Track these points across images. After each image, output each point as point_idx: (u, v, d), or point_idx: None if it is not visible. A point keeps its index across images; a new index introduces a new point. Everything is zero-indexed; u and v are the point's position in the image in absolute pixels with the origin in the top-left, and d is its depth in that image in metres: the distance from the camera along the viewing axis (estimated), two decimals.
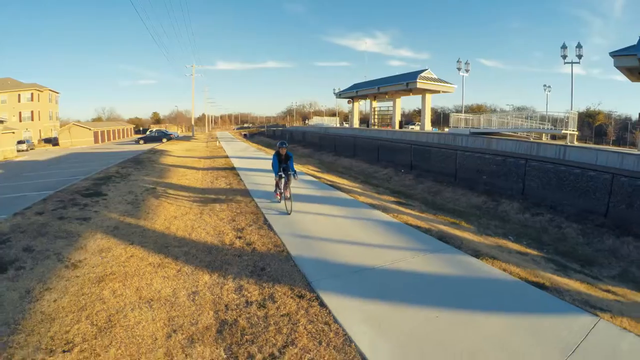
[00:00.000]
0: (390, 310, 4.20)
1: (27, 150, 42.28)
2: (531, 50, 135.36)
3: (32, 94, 59.55)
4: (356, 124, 48.66)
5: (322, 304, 4.27)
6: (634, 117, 60.76)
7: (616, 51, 19.08)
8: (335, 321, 3.93)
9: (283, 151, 8.86)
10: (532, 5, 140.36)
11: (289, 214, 8.43)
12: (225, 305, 4.30)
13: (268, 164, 10.75)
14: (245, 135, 65.19)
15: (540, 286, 5.05)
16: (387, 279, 5.05)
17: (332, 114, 79.42)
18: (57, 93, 67.59)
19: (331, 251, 6.06)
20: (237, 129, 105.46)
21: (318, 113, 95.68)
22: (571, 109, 23.68)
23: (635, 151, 17.79)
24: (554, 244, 10.53)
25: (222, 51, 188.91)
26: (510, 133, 25.15)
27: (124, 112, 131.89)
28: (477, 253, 6.32)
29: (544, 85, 50.86)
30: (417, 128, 47.70)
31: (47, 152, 38.68)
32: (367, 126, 47.48)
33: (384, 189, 15.69)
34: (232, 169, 16.79)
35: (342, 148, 29.20)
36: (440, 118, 74.60)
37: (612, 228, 10.96)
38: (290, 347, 3.49)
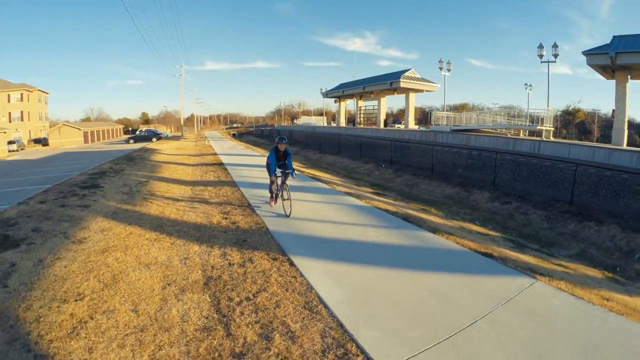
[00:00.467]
0: (348, 268, 5.04)
1: (17, 150, 42.21)
2: (519, 50, 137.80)
3: (21, 94, 59.08)
4: (343, 122, 49.47)
5: (292, 264, 5.10)
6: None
7: (589, 50, 20.15)
8: (301, 275, 4.76)
9: (282, 147, 8.02)
10: (522, 6, 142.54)
11: (288, 216, 7.57)
12: (212, 267, 5.10)
13: (255, 160, 11.55)
14: (234, 135, 65.71)
15: (488, 255, 5.81)
16: (350, 247, 5.89)
17: (321, 113, 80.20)
18: (47, 93, 67.11)
19: (305, 228, 6.89)
20: (226, 128, 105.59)
21: (306, 113, 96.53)
22: (547, 107, 24.55)
23: (608, 145, 18.93)
24: (518, 228, 11.39)
25: (211, 51, 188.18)
26: (489, 130, 26.19)
27: (112, 113, 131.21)
28: (435, 230, 7.18)
29: (525, 84, 52.35)
30: (402, 126, 48.79)
31: (37, 152, 38.75)
32: (354, 125, 48.23)
33: (364, 182, 16.57)
34: (221, 164, 17.51)
35: (327, 146, 30.07)
36: (429, 117, 75.99)
37: (576, 214, 11.86)
38: (263, 293, 4.31)
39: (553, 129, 24.25)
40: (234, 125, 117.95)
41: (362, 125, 44.86)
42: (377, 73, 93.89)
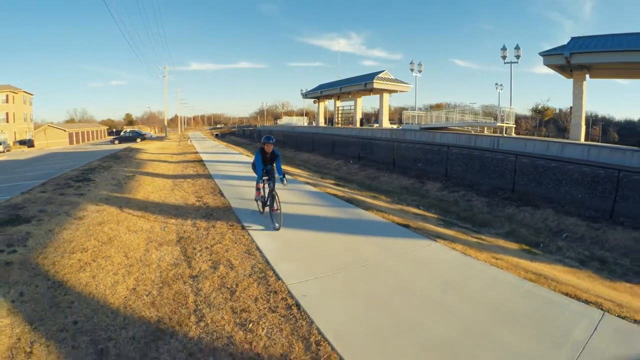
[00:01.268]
0: (284, 231, 6.69)
1: (3, 151, 42.48)
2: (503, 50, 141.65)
3: (7, 95, 58.89)
4: (322, 122, 50.92)
5: (244, 228, 6.76)
6: (596, 113, 65.36)
7: (545, 51, 21.81)
8: (249, 235, 6.41)
9: (269, 148, 7.22)
10: (506, 8, 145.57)
11: (278, 229, 6.63)
12: (184, 231, 6.71)
13: (232, 157, 13.08)
14: (217, 135, 66.79)
15: (405, 226, 7.46)
16: (292, 219, 7.53)
17: (303, 113, 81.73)
18: (31, 95, 66.83)
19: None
20: (210, 129, 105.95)
21: (289, 113, 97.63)
22: (510, 106, 26.36)
23: (562, 140, 20.77)
24: (458, 212, 12.68)
25: (195, 52, 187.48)
26: (457, 127, 27.79)
27: (96, 114, 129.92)
28: (369, 209, 8.89)
29: (496, 84, 53.41)
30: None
31: (24, 153, 39.14)
32: (332, 124, 49.81)
33: (330, 176, 18.27)
34: (200, 161, 18.98)
35: (303, 144, 31.77)
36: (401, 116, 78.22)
37: (516, 200, 13.15)
38: (217, 244, 5.95)
39: (514, 125, 26.00)
40: (218, 126, 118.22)
41: (339, 125, 46.37)
42: (361, 73, 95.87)
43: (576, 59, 20.12)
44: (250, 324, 3.67)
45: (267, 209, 7.33)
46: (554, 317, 3.94)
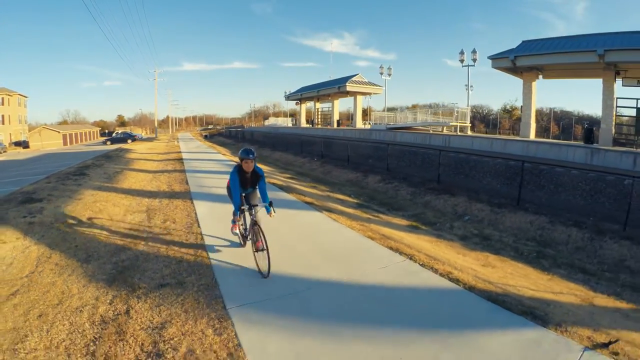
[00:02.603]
0: (216, 203, 9.49)
1: (0, 152, 44.48)
2: (493, 51, 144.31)
3: (2, 98, 60.56)
4: (303, 123, 53.43)
5: (193, 203, 9.64)
6: (583, 112, 68.14)
7: (493, 55, 23.48)
8: (193, 205, 9.30)
9: (248, 166, 5.23)
10: (497, 8, 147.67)
11: (267, 277, 4.87)
12: (152, 205, 9.57)
13: (208, 156, 16.04)
14: (205, 136, 69.18)
15: (309, 203, 10.23)
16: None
17: (288, 114, 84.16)
18: (26, 97, 68.55)
19: (212, 191, 11.40)
20: (201, 130, 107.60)
21: (278, 114, 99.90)
22: (467, 105, 28.71)
23: (504, 137, 22.84)
24: (383, 199, 14.74)
25: (188, 52, 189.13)
26: (420, 127, 29.80)
27: (88, 115, 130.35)
28: (292, 192, 11.71)
29: (465, 85, 56.40)
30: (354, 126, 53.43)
31: (20, 154, 41.09)
32: (312, 125, 52.45)
33: (291, 171, 21.09)
34: (180, 160, 21.76)
35: (278, 144, 34.58)
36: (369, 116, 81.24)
37: (439, 190, 14.43)
38: (170, 212, 8.82)
39: (469, 124, 28.11)
40: (209, 126, 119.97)
41: (319, 125, 48.87)
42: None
43: (521, 61, 21.43)
44: (173, 240, 6.55)
45: (248, 243, 5.61)
46: (365, 257, 5.74)
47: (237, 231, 5.84)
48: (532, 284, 6.13)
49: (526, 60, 21.33)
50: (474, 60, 25.97)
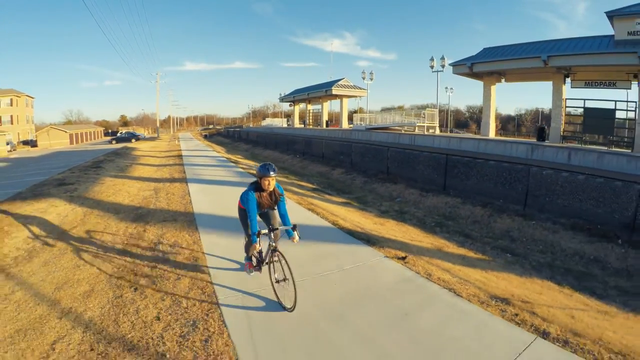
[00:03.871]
0: (206, 185, 12.78)
1: (12, 150, 47.18)
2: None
3: (11, 99, 63.11)
4: (297, 124, 56.08)
5: (187, 184, 12.89)
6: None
7: (454, 62, 25.73)
8: (187, 186, 12.53)
9: (269, 185, 4.44)
10: (498, 8, 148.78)
11: (292, 310, 4.10)
12: (157, 186, 12.82)
13: (204, 153, 19.60)
14: (205, 136, 72.28)
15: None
16: (214, 182, 13.64)
17: (282, 115, 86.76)
18: (33, 98, 71.09)
19: (204, 177, 14.66)
20: (202, 129, 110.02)
21: (276, 114, 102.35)
22: (436, 107, 31.47)
23: (461, 135, 24.87)
24: (338, 186, 17.30)
25: (189, 52, 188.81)
26: (396, 127, 32.03)
27: (91, 115, 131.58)
28: None
29: (446, 88, 58.31)
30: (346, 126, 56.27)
31: (31, 152, 43.22)
32: (304, 125, 55.24)
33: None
34: (180, 156, 25.02)
35: (270, 143, 37.80)
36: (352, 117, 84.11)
37: (386, 180, 17.03)
38: (171, 189, 12.08)
39: (436, 125, 30.13)
40: (210, 126, 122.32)
41: (310, 126, 51.66)
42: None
43: (477, 67, 23.12)
44: (171, 203, 9.80)
45: (265, 268, 4.75)
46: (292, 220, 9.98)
47: (253, 253, 4.76)
48: (403, 236, 9.08)
49: (482, 66, 23.08)
50: (442, 66, 27.68)
